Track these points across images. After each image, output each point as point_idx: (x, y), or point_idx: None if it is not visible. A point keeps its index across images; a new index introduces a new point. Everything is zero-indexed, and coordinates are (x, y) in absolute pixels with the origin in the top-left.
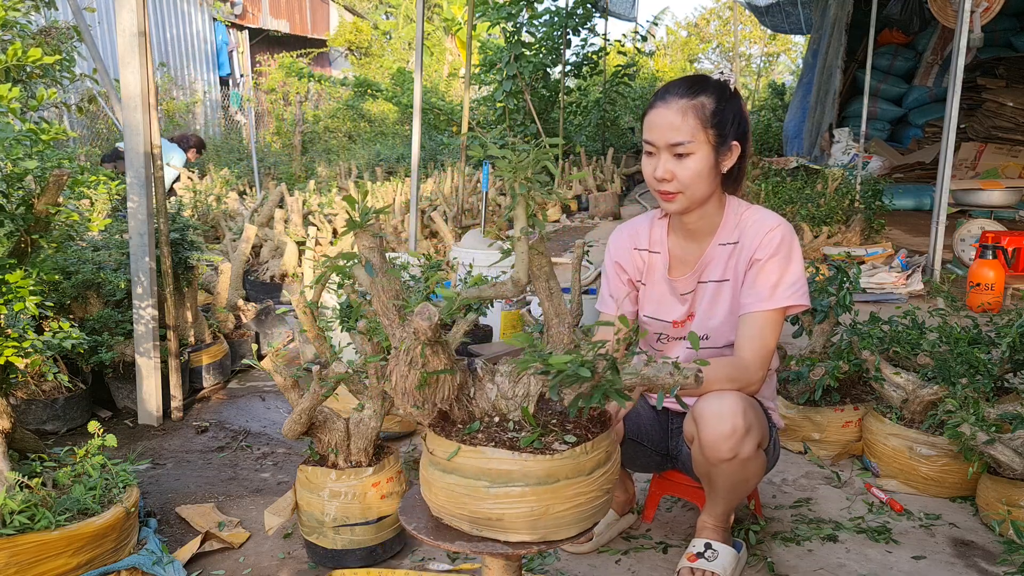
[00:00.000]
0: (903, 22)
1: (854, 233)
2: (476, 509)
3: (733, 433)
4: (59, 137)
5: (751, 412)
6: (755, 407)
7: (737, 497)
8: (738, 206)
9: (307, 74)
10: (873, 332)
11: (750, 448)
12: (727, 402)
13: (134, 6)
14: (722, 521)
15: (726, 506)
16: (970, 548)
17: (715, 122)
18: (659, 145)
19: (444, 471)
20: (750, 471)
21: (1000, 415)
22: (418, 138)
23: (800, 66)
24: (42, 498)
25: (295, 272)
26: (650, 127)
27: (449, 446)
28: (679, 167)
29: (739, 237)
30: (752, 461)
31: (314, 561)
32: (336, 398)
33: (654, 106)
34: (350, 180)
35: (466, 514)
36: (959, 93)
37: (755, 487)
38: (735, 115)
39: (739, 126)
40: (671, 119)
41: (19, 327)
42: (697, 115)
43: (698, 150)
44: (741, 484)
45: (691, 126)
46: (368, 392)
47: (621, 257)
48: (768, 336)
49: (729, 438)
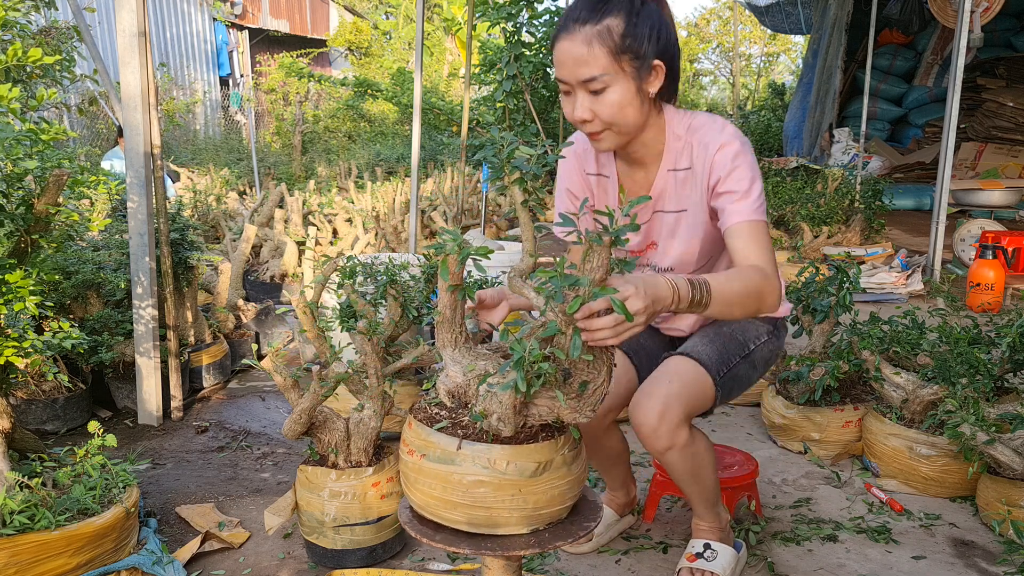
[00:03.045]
0: (903, 22)
1: (854, 233)
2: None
3: (659, 422)
4: (59, 137)
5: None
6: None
7: (703, 487)
8: (679, 122)
9: (307, 74)
10: (873, 332)
11: (683, 435)
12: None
13: (134, 6)
14: (716, 520)
15: (701, 499)
16: (970, 548)
17: (627, 46)
18: (571, 83)
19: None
20: (699, 457)
21: (1000, 415)
22: (418, 138)
23: (800, 66)
24: (42, 498)
25: (295, 272)
26: (558, 64)
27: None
28: (598, 104)
29: (691, 162)
30: (690, 446)
31: (314, 561)
32: (336, 398)
33: (557, 39)
34: (350, 180)
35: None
36: (959, 93)
37: (712, 471)
38: (651, 29)
39: (658, 40)
40: (576, 52)
41: (19, 327)
42: (604, 43)
43: (614, 82)
44: (698, 471)
45: (600, 57)
46: (368, 392)
47: (572, 184)
48: (766, 243)
49: (656, 430)
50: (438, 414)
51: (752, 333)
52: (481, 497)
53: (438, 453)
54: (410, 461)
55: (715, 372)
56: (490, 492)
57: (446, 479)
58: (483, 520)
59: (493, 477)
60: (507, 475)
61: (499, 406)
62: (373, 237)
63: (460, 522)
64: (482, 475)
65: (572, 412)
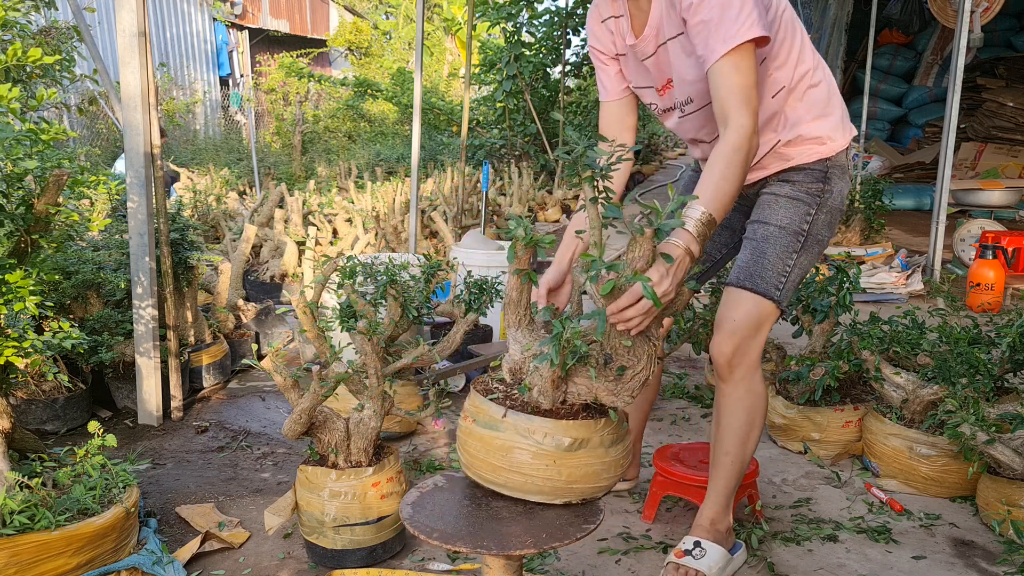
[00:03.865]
0: (903, 22)
1: (854, 233)
2: None
3: (734, 333)
4: (59, 137)
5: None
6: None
7: (734, 462)
8: None
9: (307, 74)
10: (873, 332)
11: (754, 357)
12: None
13: (134, 6)
14: (717, 521)
15: (721, 482)
16: (970, 548)
17: None
18: None
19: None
20: (754, 400)
21: (1000, 415)
22: (418, 138)
23: None
24: (42, 498)
25: (295, 272)
26: None
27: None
28: None
29: None
30: (754, 381)
31: (314, 561)
32: (336, 398)
33: None
34: (350, 180)
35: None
36: (959, 93)
37: (752, 446)
38: None
39: None
40: None
41: (19, 327)
42: None
43: None
44: (748, 432)
45: None
46: (368, 392)
47: (594, 40)
48: (735, 79)
49: (731, 337)
50: (496, 387)
51: (801, 211)
52: (519, 463)
53: (486, 419)
54: (463, 425)
55: (773, 293)
56: (527, 459)
57: (490, 443)
58: (518, 485)
59: (531, 446)
60: (544, 446)
61: (540, 379)
62: (373, 237)
63: (498, 484)
64: (521, 443)
65: (609, 395)
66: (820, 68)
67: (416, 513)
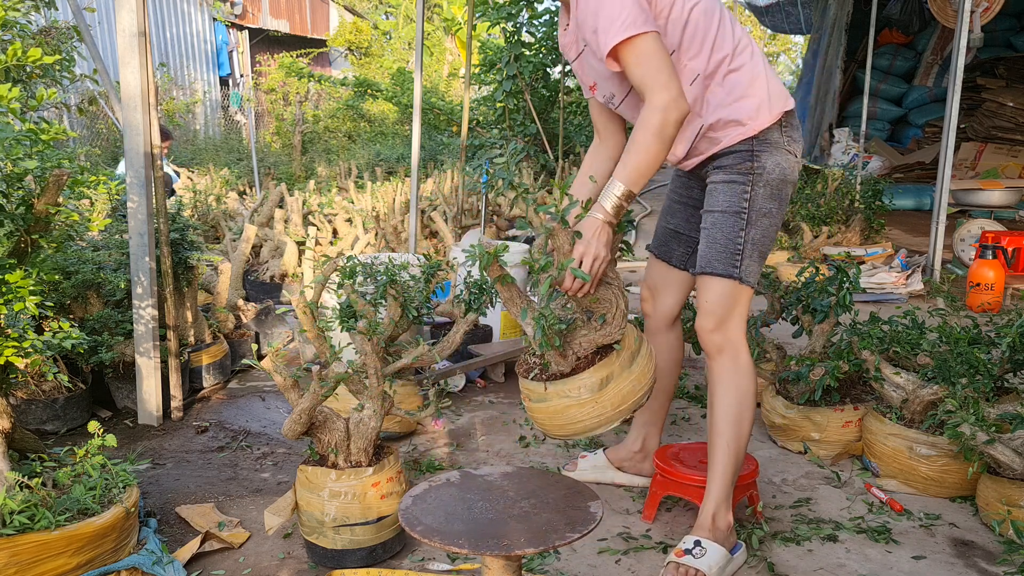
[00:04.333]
0: (903, 22)
1: (854, 233)
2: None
3: (710, 313)
4: (59, 137)
5: (704, 308)
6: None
7: (730, 450)
8: None
9: (307, 74)
10: (873, 332)
11: (737, 334)
12: (699, 293)
13: (134, 6)
14: (718, 520)
15: (719, 474)
16: (970, 548)
17: None
18: None
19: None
20: (742, 378)
21: (1000, 415)
22: (418, 138)
23: (800, 66)
24: (42, 498)
25: (295, 272)
26: None
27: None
28: None
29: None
30: (739, 358)
31: (314, 561)
32: (336, 398)
33: None
34: (350, 180)
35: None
36: (959, 93)
37: (747, 430)
38: None
39: None
40: None
41: (19, 327)
42: None
43: None
44: (738, 404)
45: None
46: (368, 392)
47: (560, 44)
48: (638, 72)
49: (708, 316)
50: (534, 363)
51: (737, 192)
52: (572, 416)
53: (536, 396)
54: (527, 405)
55: (731, 272)
56: (576, 410)
57: (546, 411)
58: (583, 429)
59: (573, 401)
60: (582, 396)
61: (550, 355)
62: (373, 237)
63: (571, 435)
64: (566, 402)
65: (605, 337)
66: (741, 52)
67: (415, 514)
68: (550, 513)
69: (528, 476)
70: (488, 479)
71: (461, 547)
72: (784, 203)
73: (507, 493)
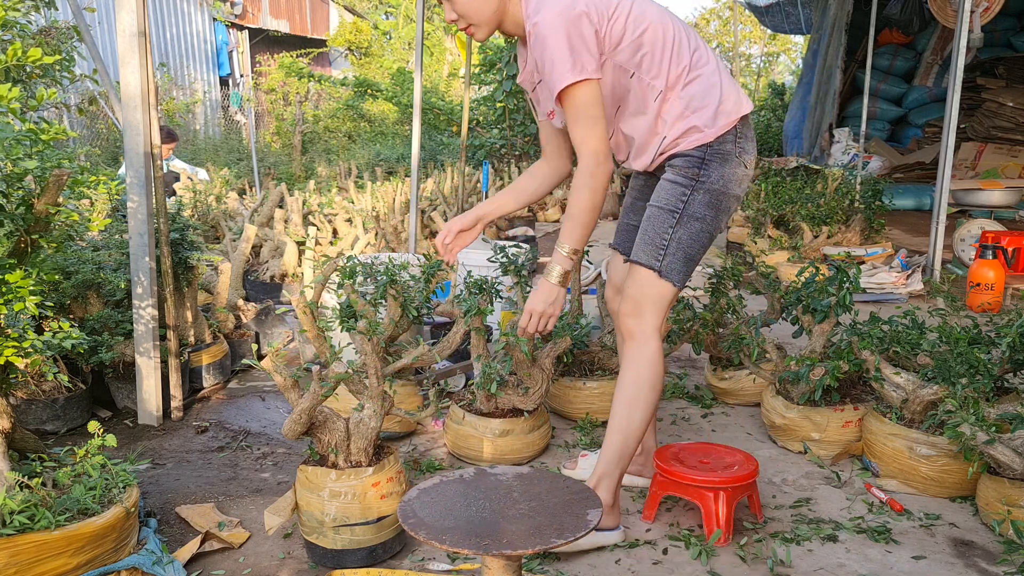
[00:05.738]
0: (903, 22)
1: (854, 233)
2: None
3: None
4: (59, 137)
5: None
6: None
7: (627, 415)
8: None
9: (307, 74)
10: (873, 332)
11: (649, 324)
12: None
13: (134, 6)
14: (602, 488)
15: (614, 435)
16: (970, 548)
17: None
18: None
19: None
20: (644, 370)
21: (1000, 415)
22: (418, 138)
23: (800, 66)
24: (42, 498)
25: (295, 272)
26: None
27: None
28: (455, 5)
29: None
30: (647, 348)
31: (314, 561)
32: (336, 398)
33: None
34: (350, 180)
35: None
36: (959, 93)
37: (642, 419)
38: None
39: None
40: None
41: (19, 327)
42: None
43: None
44: (634, 388)
45: None
46: (368, 392)
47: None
48: (571, 116)
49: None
50: (468, 398)
51: (677, 192)
52: (471, 444)
53: (455, 418)
54: (446, 422)
55: (653, 264)
56: (475, 442)
57: (456, 432)
58: (475, 457)
59: (478, 434)
60: (485, 435)
61: (479, 396)
62: (373, 237)
63: (466, 457)
64: (473, 432)
65: (522, 403)
66: (697, 65)
67: (415, 514)
68: (543, 517)
69: (538, 478)
70: (501, 478)
71: (461, 547)
72: (722, 213)
73: (512, 493)
